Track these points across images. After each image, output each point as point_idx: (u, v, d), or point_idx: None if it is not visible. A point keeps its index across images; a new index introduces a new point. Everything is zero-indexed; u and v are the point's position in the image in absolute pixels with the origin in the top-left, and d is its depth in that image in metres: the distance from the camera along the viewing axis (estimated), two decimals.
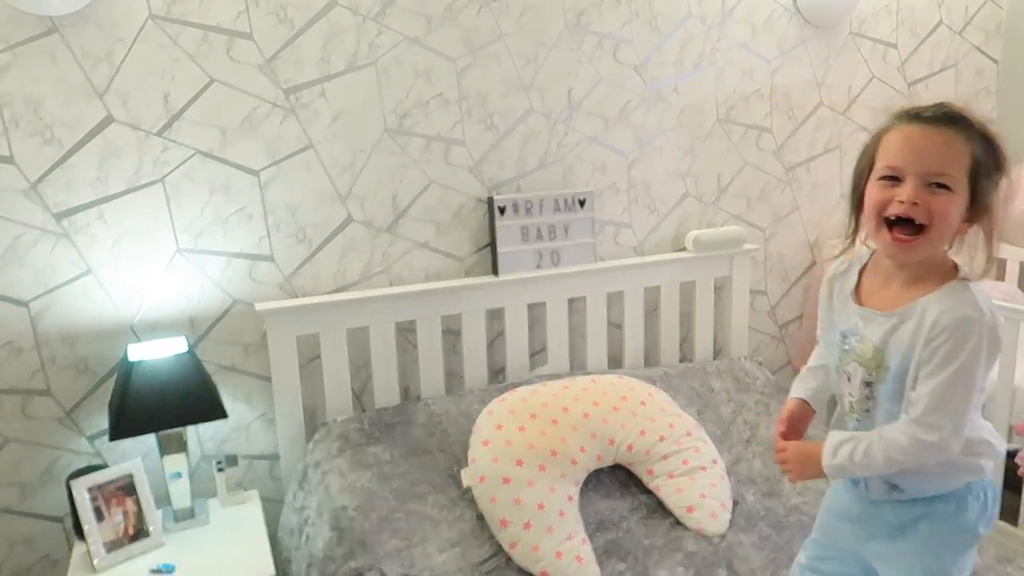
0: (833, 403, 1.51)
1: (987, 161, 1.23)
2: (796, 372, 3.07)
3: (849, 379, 1.38)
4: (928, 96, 3.10)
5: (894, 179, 1.25)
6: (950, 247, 1.28)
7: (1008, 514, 2.46)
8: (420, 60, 2.31)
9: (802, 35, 2.84)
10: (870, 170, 1.30)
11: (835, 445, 1.33)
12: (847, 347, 1.37)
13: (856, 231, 1.36)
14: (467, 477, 2.02)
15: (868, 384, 1.34)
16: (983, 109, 3.24)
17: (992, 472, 1.35)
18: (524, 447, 2.00)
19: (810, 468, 1.37)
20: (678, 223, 2.77)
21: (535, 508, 1.91)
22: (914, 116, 1.25)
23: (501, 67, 2.41)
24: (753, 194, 2.88)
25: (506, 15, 2.39)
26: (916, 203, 1.22)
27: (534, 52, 2.44)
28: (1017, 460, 2.35)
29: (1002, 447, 1.34)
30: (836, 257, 1.43)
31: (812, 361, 1.55)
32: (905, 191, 1.22)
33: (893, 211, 1.24)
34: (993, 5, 3.18)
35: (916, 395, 1.24)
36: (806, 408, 1.52)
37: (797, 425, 1.50)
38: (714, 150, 2.78)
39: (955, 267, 1.28)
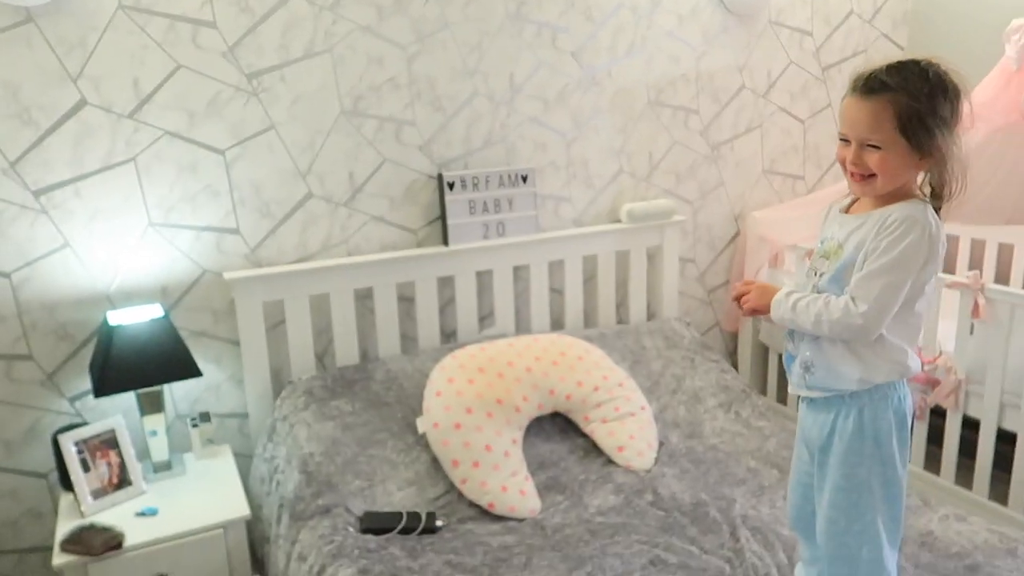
0: None
1: (915, 113, 1.40)
2: (724, 332, 3.38)
3: (815, 274, 1.59)
4: (841, 79, 3.41)
5: (846, 140, 1.50)
6: (920, 183, 1.50)
7: (930, 464, 2.78)
8: (373, 47, 2.50)
9: (725, 24, 3.10)
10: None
11: (790, 291, 1.57)
12: (819, 248, 1.60)
13: None
14: (422, 424, 2.25)
15: (822, 275, 1.56)
16: None
17: (899, 385, 1.53)
18: (473, 397, 2.24)
19: (764, 300, 1.59)
20: (613, 197, 3.02)
21: (483, 449, 2.15)
22: (853, 88, 1.49)
23: (448, 54, 2.61)
24: (682, 170, 3.15)
25: (452, 5, 2.59)
26: (856, 163, 1.48)
27: (478, 40, 2.65)
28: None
29: (916, 366, 1.52)
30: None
31: None
32: (849, 153, 1.49)
33: (846, 167, 1.52)
34: None
35: (856, 276, 1.47)
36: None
37: None
38: (645, 130, 3.03)
39: (920, 195, 1.50)
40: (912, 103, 1.42)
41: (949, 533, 1.90)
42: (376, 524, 2.00)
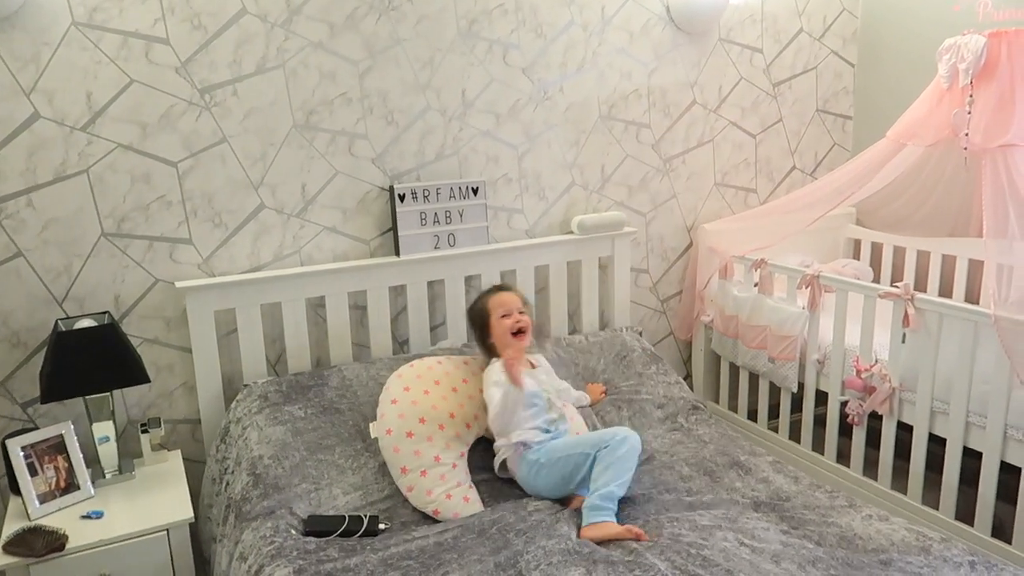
0: None
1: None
2: (678, 341, 3.46)
3: None
4: (791, 95, 3.51)
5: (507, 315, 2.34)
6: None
7: (842, 456, 2.88)
8: (324, 63, 2.57)
9: (675, 41, 3.20)
10: (489, 316, 2.37)
11: None
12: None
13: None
14: (375, 429, 2.30)
15: None
16: (841, 108, 3.66)
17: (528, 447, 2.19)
18: (428, 408, 2.30)
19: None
20: (565, 209, 3.10)
21: (432, 460, 2.20)
22: (501, 289, 2.44)
23: (400, 69, 2.69)
24: (634, 182, 3.23)
25: (403, 23, 2.67)
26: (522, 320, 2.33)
27: (430, 56, 2.73)
28: (847, 410, 2.75)
29: (527, 438, 2.20)
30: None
31: None
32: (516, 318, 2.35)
33: (519, 327, 2.34)
34: (849, 15, 3.58)
35: None
36: None
37: None
38: (597, 143, 3.12)
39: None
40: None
41: (869, 531, 1.97)
42: (318, 527, 2.05)
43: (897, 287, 2.54)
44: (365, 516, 2.10)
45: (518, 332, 2.32)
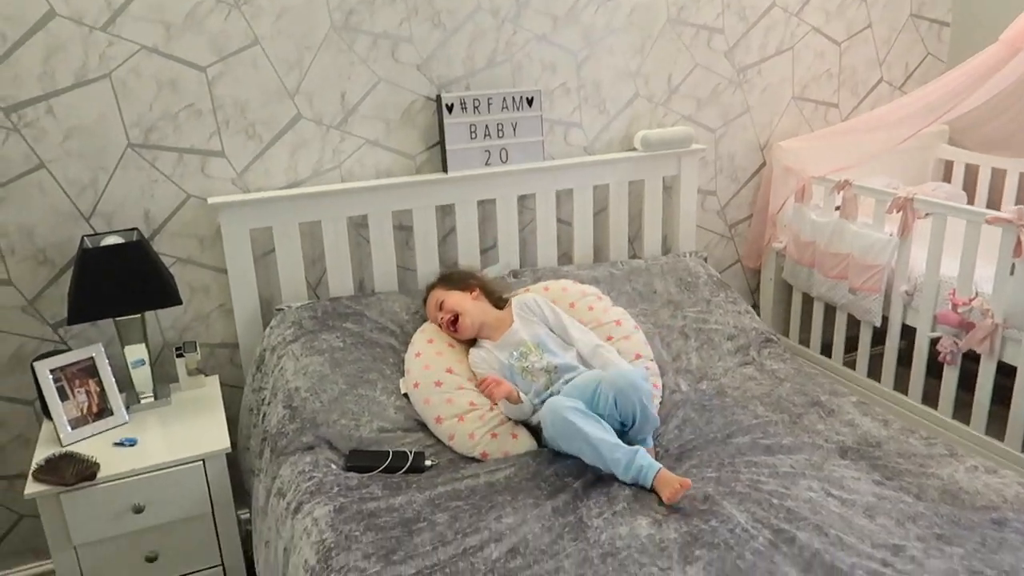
0: None
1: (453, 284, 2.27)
2: (745, 269, 3.20)
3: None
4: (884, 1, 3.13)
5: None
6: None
7: (929, 398, 2.64)
8: None
9: None
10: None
11: None
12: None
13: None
14: (403, 385, 2.14)
15: None
16: (938, 13, 3.26)
17: None
18: (454, 360, 2.14)
19: None
20: (628, 123, 2.82)
21: (466, 405, 2.02)
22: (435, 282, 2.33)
23: None
24: (704, 95, 2.93)
25: None
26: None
27: None
28: (939, 347, 2.49)
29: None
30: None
31: None
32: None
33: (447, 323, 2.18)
34: None
35: None
36: None
37: None
38: (665, 50, 2.81)
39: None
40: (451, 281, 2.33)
41: (976, 485, 1.74)
42: (360, 462, 1.91)
43: (1009, 212, 2.23)
44: (410, 452, 1.95)
45: (453, 326, 2.18)
